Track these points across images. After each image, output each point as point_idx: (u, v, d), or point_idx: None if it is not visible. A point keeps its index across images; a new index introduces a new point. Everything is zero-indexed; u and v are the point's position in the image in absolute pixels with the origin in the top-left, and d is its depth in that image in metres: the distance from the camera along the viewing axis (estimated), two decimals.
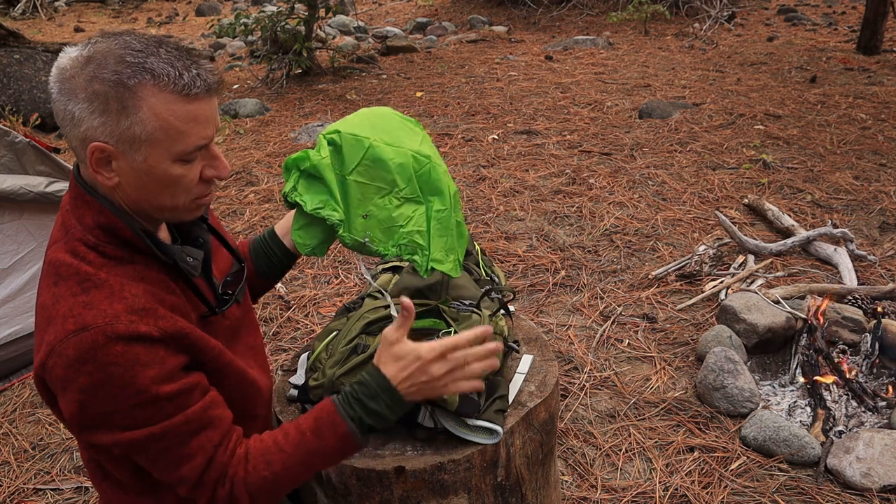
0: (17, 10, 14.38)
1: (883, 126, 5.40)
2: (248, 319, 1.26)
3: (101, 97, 0.94)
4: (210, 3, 15.00)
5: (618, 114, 6.04)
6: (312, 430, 1.07)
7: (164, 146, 0.98)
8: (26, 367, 2.97)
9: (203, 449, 1.03)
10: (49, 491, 2.36)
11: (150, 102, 0.95)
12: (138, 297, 0.99)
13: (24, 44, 7.99)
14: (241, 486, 1.05)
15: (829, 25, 9.92)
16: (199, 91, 0.97)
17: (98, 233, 1.02)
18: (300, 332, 3.14)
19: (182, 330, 1.01)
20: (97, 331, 0.94)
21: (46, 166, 2.91)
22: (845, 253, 3.38)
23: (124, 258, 1.03)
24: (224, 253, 1.26)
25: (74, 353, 0.94)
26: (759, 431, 2.31)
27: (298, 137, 5.78)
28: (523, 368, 1.44)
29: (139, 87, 0.94)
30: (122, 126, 0.96)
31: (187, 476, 1.03)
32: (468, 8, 12.61)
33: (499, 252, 3.73)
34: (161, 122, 0.96)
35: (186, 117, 0.97)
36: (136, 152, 0.98)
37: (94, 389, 0.94)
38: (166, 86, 0.95)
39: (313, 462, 1.08)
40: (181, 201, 1.04)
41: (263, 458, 1.06)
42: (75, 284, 0.98)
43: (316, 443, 1.07)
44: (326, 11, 7.77)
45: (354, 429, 1.07)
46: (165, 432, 0.99)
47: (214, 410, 1.05)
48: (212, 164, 1.05)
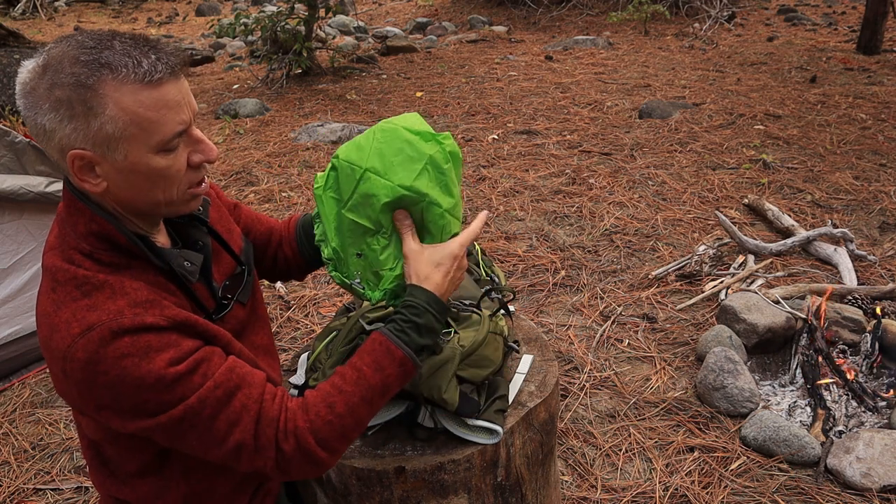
0: (17, 10, 14.38)
1: (883, 126, 5.40)
2: (254, 318, 1.24)
3: (65, 103, 0.91)
4: (210, 3, 15.00)
5: (618, 114, 6.04)
6: (370, 364, 1.07)
7: (142, 139, 0.94)
8: (26, 367, 2.97)
9: (246, 408, 1.00)
10: (49, 491, 2.36)
11: (115, 97, 0.92)
12: (140, 291, 0.98)
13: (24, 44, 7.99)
14: (308, 436, 1.02)
15: (829, 25, 9.92)
16: (161, 75, 0.93)
17: (92, 240, 1.00)
18: (300, 332, 3.14)
19: (189, 318, 1.00)
20: (102, 328, 0.93)
21: (46, 166, 2.91)
22: (845, 253, 3.38)
23: (120, 265, 1.01)
24: (226, 255, 1.24)
25: (84, 356, 0.93)
26: (759, 431, 2.31)
27: (298, 137, 5.78)
28: (523, 368, 1.44)
29: (100, 85, 0.91)
30: (94, 128, 0.93)
31: (243, 440, 1.00)
32: (468, 8, 12.61)
33: (499, 252, 3.73)
34: (131, 115, 0.93)
35: (156, 104, 0.94)
36: (115, 152, 0.95)
37: (115, 385, 0.93)
38: (126, 77, 0.92)
39: (374, 397, 1.07)
40: (175, 194, 1.01)
41: (324, 402, 1.04)
42: (74, 289, 0.97)
43: (376, 376, 1.06)
44: (326, 11, 7.77)
45: (411, 353, 1.08)
46: (202, 401, 0.97)
47: (242, 369, 1.03)
48: (196, 148, 1.01)
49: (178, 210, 1.06)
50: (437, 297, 1.13)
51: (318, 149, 5.49)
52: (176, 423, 0.97)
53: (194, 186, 1.04)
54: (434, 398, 1.21)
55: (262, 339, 1.25)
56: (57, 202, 2.90)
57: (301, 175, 4.97)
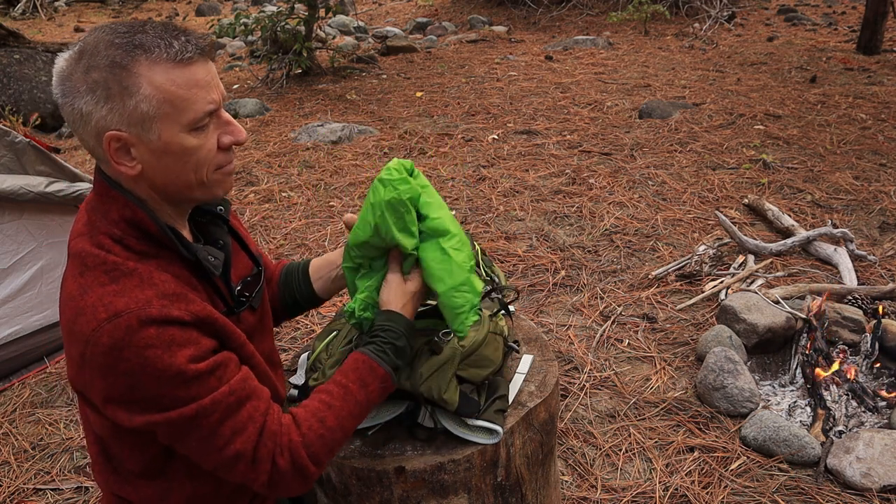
0: (17, 10, 14.37)
1: (883, 126, 5.40)
2: (262, 326, 1.26)
3: (102, 84, 0.95)
4: (210, 3, 15.00)
5: (618, 114, 6.04)
6: (355, 381, 1.13)
7: (174, 118, 0.98)
8: (26, 367, 2.97)
9: (252, 419, 1.03)
10: (49, 491, 2.36)
11: (149, 77, 0.95)
12: (168, 283, 1.00)
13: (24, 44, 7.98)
14: (301, 450, 1.05)
15: (829, 25, 9.92)
16: (191, 55, 0.97)
17: (123, 226, 1.02)
18: (300, 332, 3.14)
19: (211, 315, 1.02)
20: (130, 316, 0.94)
21: (46, 166, 2.91)
22: (845, 253, 3.38)
23: (149, 253, 1.03)
24: (243, 257, 1.26)
25: (109, 341, 0.94)
26: (759, 431, 2.31)
27: (298, 137, 5.78)
28: (523, 368, 1.44)
29: (134, 64, 0.95)
30: (129, 107, 0.96)
31: (242, 450, 1.02)
32: (468, 8, 12.61)
33: (499, 252, 3.73)
34: (164, 93, 0.96)
35: (187, 83, 0.97)
36: (149, 132, 0.98)
37: (134, 374, 0.94)
38: (159, 56, 0.95)
39: (360, 411, 1.13)
40: (206, 174, 1.04)
41: (315, 417, 1.08)
42: (102, 274, 0.98)
43: (361, 392, 1.12)
44: (326, 11, 7.77)
45: (391, 371, 1.16)
46: (214, 404, 0.99)
47: (253, 381, 1.06)
48: (226, 129, 1.04)
49: (211, 192, 1.08)
50: (411, 324, 1.21)
51: (318, 149, 5.49)
52: (184, 422, 0.98)
53: (222, 168, 1.06)
54: (434, 398, 1.21)
55: (267, 348, 1.27)
56: (57, 202, 2.90)
57: (301, 175, 4.97)
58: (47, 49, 7.86)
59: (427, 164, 5.04)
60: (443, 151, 5.30)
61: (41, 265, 2.95)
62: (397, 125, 6.01)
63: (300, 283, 1.41)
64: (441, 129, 5.84)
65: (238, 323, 1.15)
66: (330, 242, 3.93)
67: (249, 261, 1.27)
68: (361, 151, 5.40)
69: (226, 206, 1.21)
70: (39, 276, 2.95)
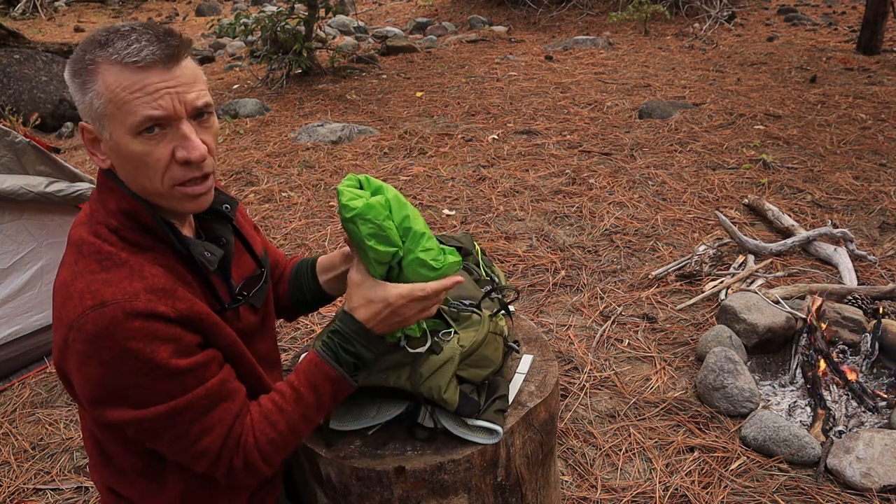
0: (17, 10, 14.37)
1: (883, 126, 5.40)
2: (264, 328, 1.26)
3: (76, 74, 0.99)
4: (210, 3, 15.00)
5: (618, 114, 6.04)
6: (305, 384, 1.11)
7: (118, 119, 0.97)
8: (26, 367, 2.97)
9: (223, 421, 1.04)
10: (49, 491, 2.36)
11: (104, 76, 0.97)
12: (157, 278, 1.00)
13: (24, 44, 7.99)
14: (254, 453, 1.07)
15: (829, 25, 9.92)
16: (142, 60, 0.95)
17: (120, 217, 1.03)
18: (300, 332, 3.14)
19: (199, 313, 1.02)
20: (116, 307, 0.95)
21: (46, 166, 2.91)
22: (845, 253, 3.38)
23: (144, 245, 1.04)
24: (247, 257, 1.26)
25: (93, 329, 0.94)
26: (759, 431, 2.31)
27: (298, 137, 5.78)
28: (523, 368, 1.44)
29: (95, 62, 0.97)
30: (86, 101, 0.99)
31: (207, 449, 1.04)
32: (468, 8, 12.61)
33: (499, 252, 3.73)
34: (111, 93, 0.96)
35: (132, 86, 0.95)
36: (104, 129, 1.00)
37: (114, 364, 0.95)
38: (115, 57, 0.96)
39: (311, 414, 1.12)
40: (158, 183, 1.01)
41: (267, 420, 1.08)
42: (95, 262, 1.00)
43: (311, 395, 1.10)
44: (326, 11, 7.77)
45: (342, 371, 1.11)
46: (189, 405, 1.00)
47: (232, 383, 1.07)
48: (181, 144, 0.99)
49: (173, 207, 1.06)
50: (364, 329, 1.13)
51: (318, 149, 5.49)
52: (158, 420, 0.99)
53: (181, 185, 1.02)
54: (434, 398, 1.21)
55: (265, 348, 1.27)
56: (57, 202, 2.90)
57: (301, 175, 4.97)
58: (47, 49, 7.87)
59: (427, 164, 5.04)
60: (443, 151, 5.30)
61: (41, 265, 2.95)
62: (397, 125, 6.01)
63: (308, 280, 1.41)
64: (441, 129, 5.84)
65: (237, 321, 1.15)
66: (330, 242, 3.93)
67: (252, 262, 1.27)
68: (361, 151, 5.40)
69: (232, 205, 1.21)
70: (39, 276, 2.95)
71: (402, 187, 4.64)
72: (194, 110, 1.00)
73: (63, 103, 6.58)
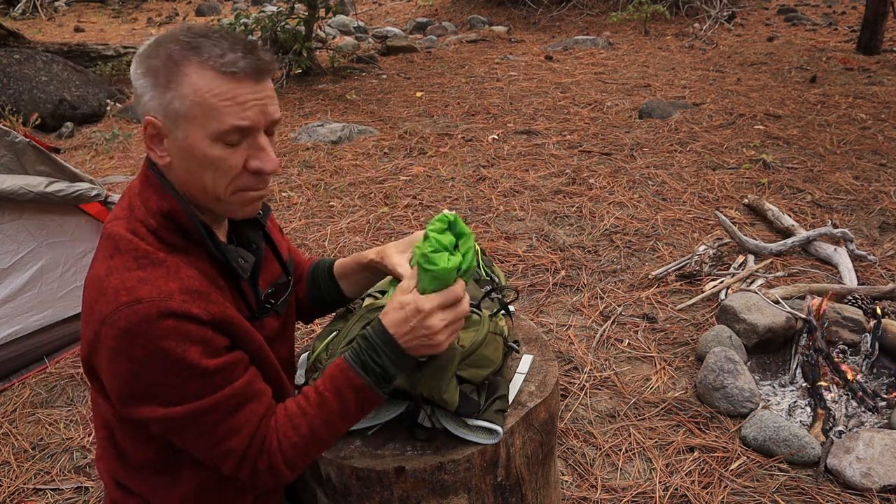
0: (17, 10, 14.37)
1: (883, 126, 5.40)
2: (284, 331, 1.27)
3: (153, 71, 1.00)
4: (210, 3, 15.00)
5: (618, 114, 6.04)
6: (330, 389, 1.08)
7: (201, 123, 0.99)
8: (26, 367, 2.97)
9: (249, 422, 1.05)
10: (49, 491, 2.36)
11: (192, 79, 0.98)
12: (193, 280, 1.01)
13: (24, 44, 7.99)
14: (278, 455, 1.06)
15: (829, 25, 9.92)
16: (239, 71, 0.99)
17: (159, 217, 1.04)
18: (300, 331, 3.14)
19: (230, 317, 1.03)
20: (151, 304, 0.95)
21: (46, 166, 2.91)
22: (845, 253, 3.38)
23: (179, 246, 1.05)
24: (274, 263, 1.27)
25: (126, 325, 0.95)
26: (759, 431, 2.31)
27: (298, 137, 5.78)
28: (523, 368, 1.44)
29: (184, 63, 0.99)
30: (166, 99, 1.00)
31: (234, 449, 1.04)
32: (468, 8, 12.61)
33: (499, 252, 3.73)
34: (198, 97, 0.98)
35: (224, 95, 0.99)
36: (178, 129, 1.01)
37: (145, 361, 0.96)
38: (208, 62, 0.98)
39: (335, 421, 1.08)
40: (222, 188, 1.04)
41: (290, 424, 1.08)
42: (132, 259, 1.00)
43: (336, 401, 1.07)
44: (326, 11, 7.77)
45: (369, 380, 1.07)
46: (217, 404, 1.01)
47: (258, 384, 1.08)
48: (257, 154, 1.04)
49: (227, 210, 1.08)
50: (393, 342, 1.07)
51: (317, 149, 5.49)
52: (185, 418, 1.00)
53: (242, 191, 1.05)
54: (434, 398, 1.21)
55: (286, 353, 1.29)
56: (57, 202, 2.90)
57: (301, 175, 4.97)
58: (47, 49, 7.87)
59: (427, 164, 5.04)
60: (443, 151, 5.30)
61: (41, 265, 2.95)
62: (397, 125, 6.01)
63: (327, 283, 1.42)
64: (441, 129, 5.84)
65: (261, 328, 1.16)
66: (330, 242, 3.93)
67: (280, 268, 1.28)
68: (361, 151, 5.40)
69: (265, 211, 1.22)
70: (39, 276, 2.95)
71: (402, 187, 4.64)
72: (272, 124, 1.05)
73: (63, 103, 6.58)
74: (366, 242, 3.89)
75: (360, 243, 3.88)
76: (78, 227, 3.05)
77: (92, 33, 12.37)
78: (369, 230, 4.04)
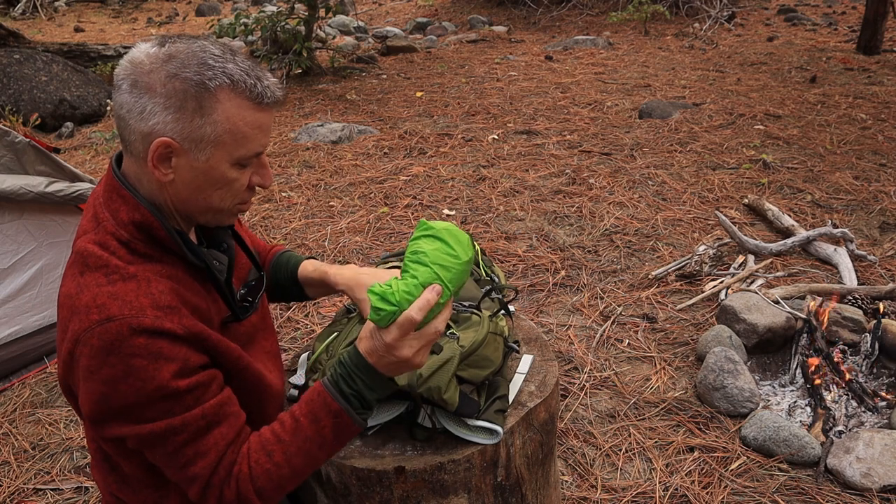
0: (17, 10, 14.37)
1: (883, 126, 5.40)
2: (264, 325, 1.27)
3: (180, 95, 0.98)
4: (210, 3, 14.99)
5: (618, 114, 6.04)
6: (306, 414, 1.05)
7: (228, 149, 1.02)
8: (26, 367, 2.97)
9: (216, 446, 1.03)
10: (49, 491, 2.36)
11: (226, 106, 1.00)
12: (164, 295, 1.00)
13: (24, 44, 7.99)
14: (247, 483, 1.03)
15: (829, 25, 9.92)
16: (269, 102, 1.03)
17: (132, 229, 1.03)
18: (300, 332, 3.14)
19: (203, 331, 1.02)
20: (122, 322, 0.94)
21: (46, 166, 2.91)
22: (845, 253, 3.38)
23: (153, 256, 1.04)
24: (243, 259, 1.26)
25: (99, 343, 0.94)
26: (759, 431, 2.31)
27: (298, 137, 5.78)
28: (523, 368, 1.44)
29: (218, 90, 0.99)
30: (195, 125, 0.99)
31: (200, 474, 1.02)
32: (468, 8, 12.61)
33: (499, 252, 3.73)
34: (231, 125, 1.00)
35: (254, 124, 1.02)
36: (200, 151, 1.01)
37: (116, 381, 0.95)
38: (242, 92, 1.00)
39: (312, 449, 1.04)
40: (227, 204, 1.07)
41: (264, 450, 1.05)
42: (102, 276, 0.99)
43: (312, 427, 1.04)
44: (326, 11, 7.77)
45: (345, 404, 1.03)
46: (184, 425, 0.99)
47: (230, 407, 1.06)
48: (259, 172, 1.09)
49: (220, 220, 1.11)
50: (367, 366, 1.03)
51: (318, 149, 5.49)
52: (153, 437, 0.99)
53: (241, 204, 1.10)
54: (434, 398, 1.21)
55: (270, 345, 1.28)
56: (57, 202, 2.90)
57: (301, 175, 4.97)
58: (47, 49, 7.86)
59: (427, 164, 5.04)
60: (443, 151, 5.30)
61: (41, 265, 2.95)
62: (397, 125, 6.01)
63: (290, 283, 1.42)
64: (441, 129, 5.84)
65: (241, 326, 1.15)
66: (330, 242, 3.93)
67: (250, 263, 1.28)
68: (361, 151, 5.40)
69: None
70: (39, 276, 2.95)
71: (402, 187, 4.64)
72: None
73: (63, 103, 6.58)
74: (366, 242, 3.89)
75: (360, 243, 3.88)
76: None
77: (92, 33, 12.37)
78: (369, 230, 4.04)
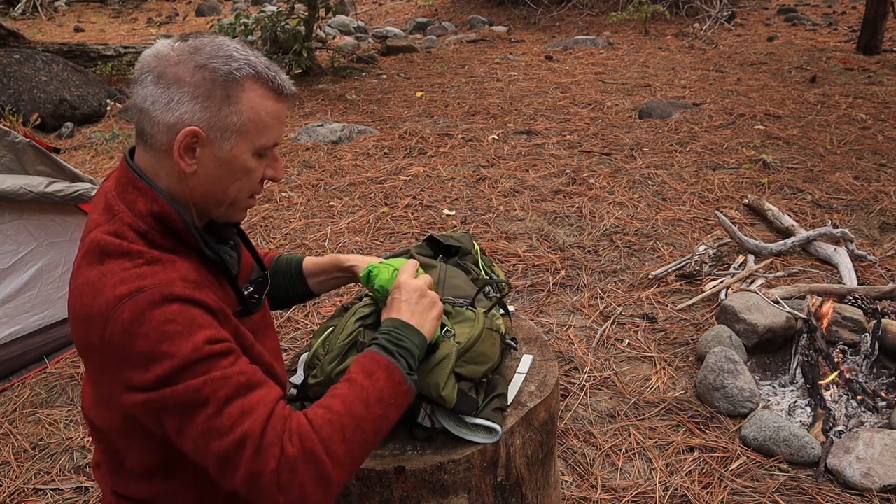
0: (17, 10, 14.38)
1: (883, 126, 5.40)
2: (265, 323, 1.27)
3: (209, 84, 1.01)
4: (210, 3, 14.99)
5: (618, 114, 6.04)
6: (358, 371, 1.06)
7: (251, 138, 1.06)
8: (26, 367, 2.97)
9: (263, 401, 0.98)
10: (49, 491, 2.36)
11: (250, 95, 1.04)
12: (191, 272, 1.02)
13: (24, 44, 7.99)
14: (310, 433, 0.97)
15: (829, 25, 9.92)
16: (288, 93, 1.09)
17: (150, 220, 1.03)
18: (300, 332, 3.14)
19: (226, 311, 1.04)
20: (153, 291, 0.95)
21: (46, 166, 2.91)
22: (845, 253, 3.38)
23: (170, 248, 1.04)
24: (247, 258, 1.28)
25: (129, 316, 0.93)
26: (759, 431, 2.31)
27: (298, 137, 5.78)
28: (523, 368, 1.44)
29: (245, 80, 1.03)
30: (222, 114, 1.02)
31: (250, 431, 0.94)
32: (468, 8, 12.62)
33: (499, 252, 3.73)
34: (255, 114, 1.04)
35: (274, 114, 1.07)
36: (225, 141, 1.04)
37: (150, 348, 0.93)
38: (265, 83, 1.05)
39: (368, 398, 1.03)
40: (242, 196, 1.10)
41: (320, 405, 1.02)
42: (127, 261, 0.98)
43: (366, 381, 1.04)
44: (326, 11, 7.77)
45: (395, 361, 1.09)
46: (224, 378, 0.95)
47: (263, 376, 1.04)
48: (272, 164, 1.13)
49: (232, 215, 1.13)
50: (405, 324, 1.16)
51: (318, 149, 5.49)
52: (192, 394, 0.94)
53: (252, 197, 1.13)
54: (432, 395, 1.21)
55: (272, 343, 1.28)
56: (57, 202, 2.90)
57: (301, 175, 4.97)
58: (47, 49, 7.86)
59: (427, 164, 5.04)
60: (443, 151, 5.30)
61: (41, 265, 2.95)
62: (397, 125, 6.01)
63: (293, 281, 1.43)
64: (441, 129, 5.84)
65: (246, 324, 1.16)
66: (330, 242, 3.93)
67: (253, 262, 1.29)
68: (361, 151, 5.40)
69: None
70: (39, 276, 2.95)
71: (402, 187, 4.64)
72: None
73: (63, 103, 6.58)
74: (366, 242, 3.89)
75: (360, 243, 3.88)
76: (78, 227, 3.04)
77: (92, 33, 12.37)
78: (369, 230, 4.04)
